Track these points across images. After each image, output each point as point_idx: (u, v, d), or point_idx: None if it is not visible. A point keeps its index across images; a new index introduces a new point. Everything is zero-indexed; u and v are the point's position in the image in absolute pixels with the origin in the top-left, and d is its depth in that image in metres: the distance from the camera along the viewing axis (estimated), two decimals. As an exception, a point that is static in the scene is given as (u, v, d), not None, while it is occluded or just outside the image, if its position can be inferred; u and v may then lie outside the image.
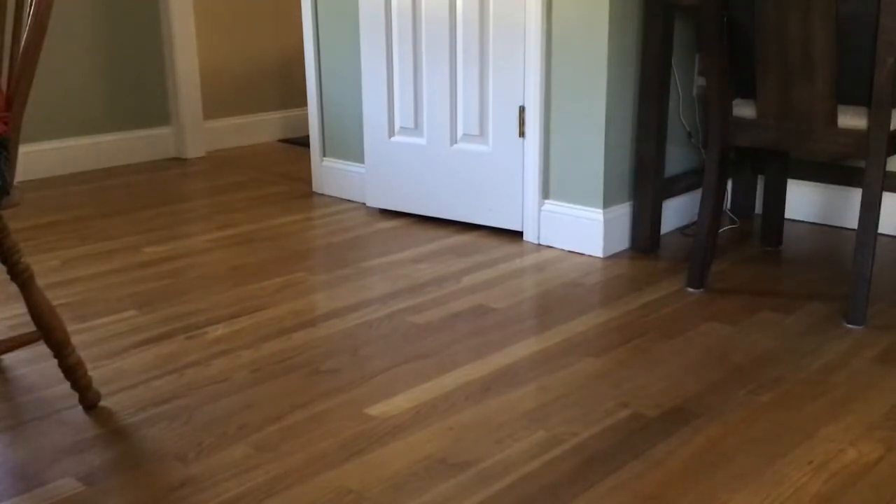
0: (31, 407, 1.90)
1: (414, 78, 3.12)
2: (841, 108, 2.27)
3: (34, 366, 2.09)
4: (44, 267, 2.78)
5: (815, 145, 2.31)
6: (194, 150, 4.37)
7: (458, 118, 3.07)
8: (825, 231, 3.09)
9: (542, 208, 2.94)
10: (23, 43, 1.68)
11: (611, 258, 2.83)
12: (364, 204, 3.44)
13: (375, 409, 1.88)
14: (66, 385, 1.90)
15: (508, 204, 3.02)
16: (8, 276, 1.79)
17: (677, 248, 2.92)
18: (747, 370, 2.05)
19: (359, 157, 3.46)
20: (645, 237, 2.88)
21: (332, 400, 1.93)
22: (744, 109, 2.42)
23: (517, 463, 1.67)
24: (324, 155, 3.61)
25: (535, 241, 2.98)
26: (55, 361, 1.86)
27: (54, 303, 1.86)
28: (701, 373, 2.04)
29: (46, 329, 1.82)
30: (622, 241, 2.90)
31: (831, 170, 3.10)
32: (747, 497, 1.56)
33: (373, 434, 1.78)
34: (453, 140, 3.10)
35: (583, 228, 2.85)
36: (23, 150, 3.81)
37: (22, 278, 1.79)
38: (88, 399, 1.88)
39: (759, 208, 3.25)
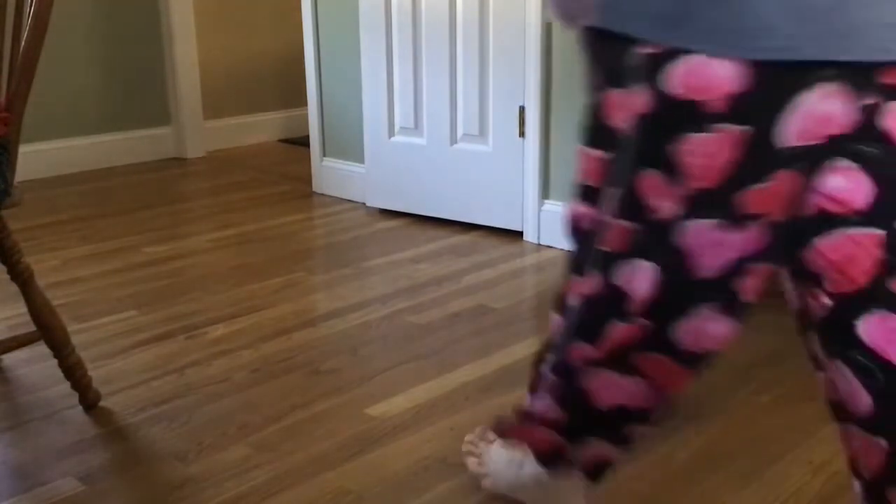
0: (31, 407, 1.90)
1: (414, 78, 3.12)
2: (841, 108, 2.27)
3: (34, 366, 2.09)
4: (44, 267, 2.78)
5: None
6: (194, 150, 4.37)
7: (458, 118, 3.07)
8: (825, 231, 3.08)
9: (542, 208, 2.94)
10: (23, 44, 1.68)
11: (611, 258, 2.83)
12: (364, 204, 3.44)
13: (375, 409, 1.88)
14: (66, 385, 1.90)
15: (508, 204, 3.02)
16: (8, 276, 1.79)
17: (677, 248, 2.91)
18: (747, 370, 2.05)
19: (359, 157, 3.46)
20: (645, 237, 2.87)
21: (332, 400, 1.93)
22: (744, 109, 2.41)
23: (517, 463, 1.67)
24: (324, 155, 3.62)
25: (535, 241, 2.98)
26: (55, 361, 1.86)
27: (54, 303, 1.86)
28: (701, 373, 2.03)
29: (46, 329, 1.82)
30: (622, 241, 2.89)
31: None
32: (747, 497, 1.56)
33: (373, 434, 1.78)
34: (453, 140, 3.10)
35: (583, 228, 2.85)
36: (23, 150, 3.79)
37: (22, 278, 1.79)
38: (88, 399, 1.88)
39: (759, 208, 3.25)
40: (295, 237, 3.07)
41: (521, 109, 2.92)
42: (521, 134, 2.94)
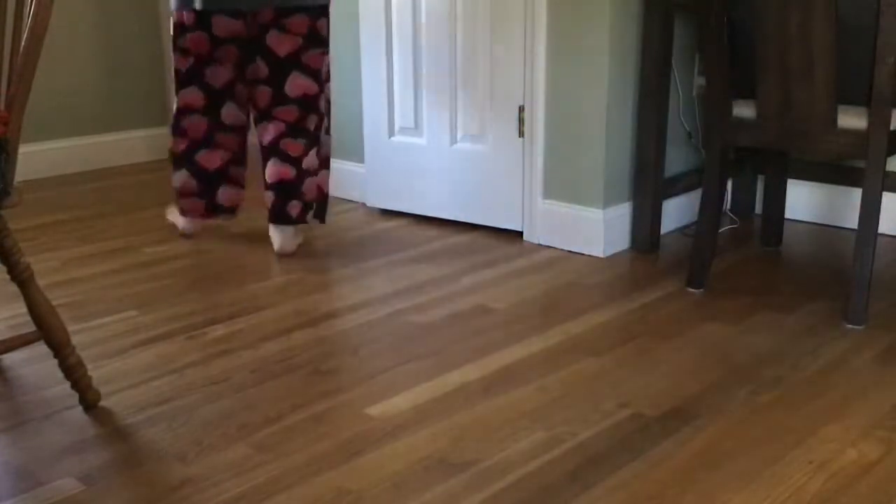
0: (31, 407, 1.90)
1: (414, 78, 3.12)
2: (841, 108, 2.27)
3: (34, 366, 2.09)
4: (44, 267, 2.78)
5: (815, 145, 2.31)
6: (194, 150, 4.36)
7: (458, 118, 3.07)
8: (825, 231, 3.09)
9: (543, 208, 2.94)
10: (23, 44, 1.68)
11: (611, 258, 2.83)
12: (364, 204, 3.44)
13: (375, 409, 1.88)
14: (66, 385, 1.90)
15: (508, 204, 3.02)
16: (8, 276, 1.79)
17: (677, 248, 2.92)
18: (747, 370, 2.05)
19: (359, 157, 3.46)
20: (645, 237, 2.88)
21: (332, 400, 1.93)
22: (744, 109, 2.42)
23: (517, 463, 1.67)
24: (324, 155, 3.61)
25: (535, 241, 2.98)
26: (55, 361, 1.86)
27: (54, 303, 1.86)
28: (701, 373, 2.04)
29: (46, 329, 1.82)
30: (622, 241, 2.90)
31: (831, 170, 3.10)
32: (747, 497, 1.56)
33: (373, 434, 1.78)
34: (453, 140, 3.10)
35: (583, 228, 2.85)
36: (23, 150, 3.80)
37: (22, 278, 1.79)
38: (88, 399, 1.88)
39: (759, 208, 3.25)
40: (295, 237, 3.06)
41: (521, 109, 2.92)
42: (521, 134, 2.94)
